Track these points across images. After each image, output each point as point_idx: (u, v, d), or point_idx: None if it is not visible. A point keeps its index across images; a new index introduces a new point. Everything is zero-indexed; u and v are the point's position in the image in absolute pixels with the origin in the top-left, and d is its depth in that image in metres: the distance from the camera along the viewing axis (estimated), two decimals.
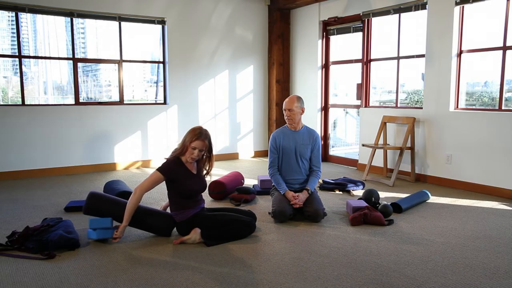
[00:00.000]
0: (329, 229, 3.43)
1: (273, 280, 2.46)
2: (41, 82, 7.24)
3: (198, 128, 3.10)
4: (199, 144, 3.04)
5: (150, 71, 7.45)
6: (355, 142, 6.78)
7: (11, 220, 3.68)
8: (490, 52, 4.72)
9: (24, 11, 5.41)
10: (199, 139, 3.04)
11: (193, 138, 3.03)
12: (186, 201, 3.13)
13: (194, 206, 3.16)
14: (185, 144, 3.06)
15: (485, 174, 4.66)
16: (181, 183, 3.08)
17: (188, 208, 3.13)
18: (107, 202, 3.19)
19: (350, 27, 6.31)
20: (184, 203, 3.13)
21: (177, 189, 3.10)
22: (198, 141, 3.03)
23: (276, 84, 7.25)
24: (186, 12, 6.51)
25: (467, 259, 2.80)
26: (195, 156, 3.06)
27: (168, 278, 2.50)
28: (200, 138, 3.04)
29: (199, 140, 3.04)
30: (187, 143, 3.05)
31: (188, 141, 3.05)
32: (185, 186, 3.09)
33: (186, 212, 3.12)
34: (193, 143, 3.03)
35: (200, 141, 3.04)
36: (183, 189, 3.09)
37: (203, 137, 3.06)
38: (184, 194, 3.11)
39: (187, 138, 3.06)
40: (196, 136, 3.04)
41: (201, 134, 3.06)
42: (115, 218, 3.16)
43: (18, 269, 2.63)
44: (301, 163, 3.84)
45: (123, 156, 6.22)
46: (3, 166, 5.41)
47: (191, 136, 3.05)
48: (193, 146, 3.03)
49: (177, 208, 3.14)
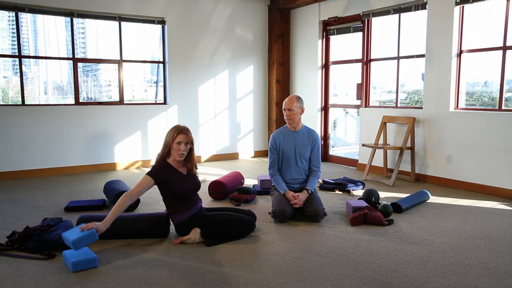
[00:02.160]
0: (329, 229, 3.43)
1: (273, 280, 2.46)
2: (41, 82, 7.24)
3: (176, 125, 3.09)
4: (182, 138, 3.01)
5: (150, 71, 7.45)
6: (355, 142, 6.78)
7: (11, 220, 3.68)
8: (490, 52, 4.72)
9: (24, 11, 5.41)
10: (181, 133, 3.02)
11: (175, 134, 3.01)
12: (182, 203, 3.11)
13: (191, 206, 3.14)
14: (168, 144, 3.03)
15: (485, 174, 4.66)
16: (172, 185, 3.05)
17: (186, 209, 3.11)
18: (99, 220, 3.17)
19: (350, 27, 6.31)
20: (180, 205, 3.10)
21: (170, 192, 3.07)
22: (181, 135, 3.02)
23: (276, 84, 7.25)
24: (186, 12, 6.51)
25: (467, 259, 2.80)
26: (183, 151, 3.02)
27: (168, 278, 2.50)
28: (182, 132, 3.03)
29: (181, 134, 3.02)
30: (170, 141, 3.02)
31: (170, 139, 3.02)
32: (177, 188, 3.05)
33: (184, 213, 3.11)
34: (176, 138, 3.01)
35: (182, 135, 3.02)
36: (176, 191, 3.05)
37: (185, 130, 3.05)
38: (178, 196, 3.07)
39: (168, 137, 3.04)
40: (177, 132, 3.02)
41: (180, 128, 3.05)
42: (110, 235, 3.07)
43: (18, 269, 2.63)
44: (301, 163, 3.84)
45: (123, 156, 6.22)
46: (3, 166, 5.41)
47: (172, 133, 3.02)
48: (178, 141, 3.01)
49: (175, 211, 3.12)
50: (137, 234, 3.19)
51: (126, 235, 3.19)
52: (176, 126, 3.08)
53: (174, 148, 3.02)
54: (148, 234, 3.19)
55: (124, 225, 3.16)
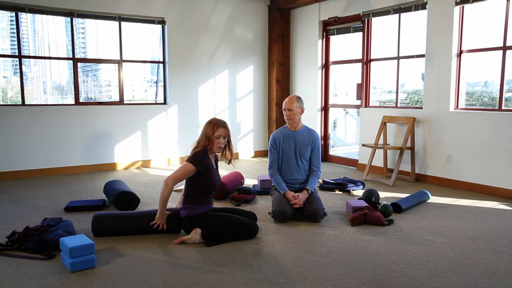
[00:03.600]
0: (329, 229, 3.43)
1: (273, 280, 2.46)
2: (41, 82, 7.24)
3: (214, 119, 3.15)
4: (222, 132, 3.10)
5: (150, 71, 7.45)
6: (355, 142, 6.78)
7: (11, 220, 3.68)
8: (490, 52, 4.72)
9: (24, 11, 5.41)
10: (221, 127, 3.10)
11: (215, 128, 3.08)
12: (205, 197, 3.14)
13: (207, 203, 3.18)
14: (209, 136, 3.08)
15: (485, 174, 4.66)
16: (208, 176, 3.09)
17: (203, 204, 3.14)
18: (113, 219, 3.25)
19: (350, 27, 6.31)
20: (201, 199, 3.13)
21: (201, 183, 3.09)
22: (220, 128, 3.09)
23: (276, 84, 7.25)
24: (186, 12, 6.51)
25: (467, 259, 2.80)
26: (222, 144, 3.12)
27: (168, 278, 2.50)
28: (221, 125, 3.11)
29: (221, 127, 3.10)
30: (210, 134, 3.08)
31: (210, 132, 3.08)
32: (211, 179, 3.11)
33: (199, 208, 3.11)
34: (216, 132, 3.08)
35: (222, 128, 3.10)
36: (208, 183, 3.10)
37: (223, 124, 3.13)
38: (206, 188, 3.12)
39: (208, 130, 3.09)
40: (217, 125, 3.09)
41: (220, 122, 3.12)
42: (125, 232, 3.21)
43: (18, 269, 2.63)
44: (301, 163, 3.84)
45: (123, 156, 6.22)
46: (3, 166, 5.41)
47: (212, 127, 3.08)
48: (217, 135, 3.08)
49: (194, 202, 3.12)
50: (149, 231, 3.22)
51: (139, 232, 3.24)
52: (214, 119, 3.14)
53: (215, 141, 3.09)
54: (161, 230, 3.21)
55: (137, 222, 3.23)
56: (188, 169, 3.02)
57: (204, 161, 3.08)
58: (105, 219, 3.23)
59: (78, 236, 2.74)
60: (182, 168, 3.03)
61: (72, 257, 2.58)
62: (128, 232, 3.23)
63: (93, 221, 3.21)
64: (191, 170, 3.03)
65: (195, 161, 3.04)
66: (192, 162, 3.04)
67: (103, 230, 3.20)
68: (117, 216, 3.29)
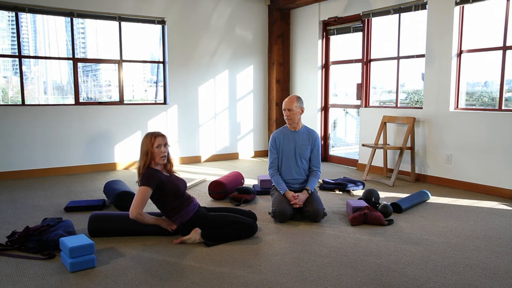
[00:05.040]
0: (329, 229, 3.43)
1: (273, 280, 2.46)
2: (41, 82, 7.24)
3: (148, 133, 3.13)
4: (161, 140, 3.08)
5: (150, 71, 7.45)
6: (355, 142, 6.78)
7: (11, 220, 3.68)
8: (490, 52, 4.72)
9: (24, 11, 5.41)
10: (157, 136, 3.08)
11: (153, 139, 3.07)
12: (178, 202, 3.12)
13: (188, 204, 3.15)
14: (148, 151, 3.05)
15: (485, 174, 4.66)
16: (168, 185, 3.08)
17: (184, 208, 3.12)
18: (110, 219, 3.25)
19: (350, 27, 6.31)
20: (177, 206, 3.11)
21: (167, 194, 3.08)
22: (158, 137, 3.08)
23: (276, 84, 7.25)
24: (186, 12, 6.51)
25: (467, 259, 2.80)
26: (164, 152, 3.09)
27: (168, 278, 2.50)
28: (157, 135, 3.09)
29: (158, 136, 3.09)
30: (149, 147, 3.05)
31: (149, 145, 3.06)
32: (172, 187, 3.09)
33: (183, 213, 3.11)
34: (155, 142, 3.06)
35: (159, 137, 3.09)
36: (172, 191, 3.08)
37: (158, 133, 3.11)
38: (175, 195, 3.10)
39: (146, 143, 3.06)
40: (154, 135, 3.09)
41: (155, 132, 3.12)
42: (122, 233, 3.22)
43: (18, 269, 2.63)
44: (301, 163, 3.84)
45: (123, 156, 6.22)
46: (3, 166, 5.41)
47: (149, 139, 3.07)
48: (157, 145, 3.06)
49: (174, 213, 3.12)
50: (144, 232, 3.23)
51: (136, 233, 3.24)
52: (149, 133, 3.13)
53: (156, 153, 3.06)
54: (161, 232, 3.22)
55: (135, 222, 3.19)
56: (145, 192, 2.98)
57: (154, 176, 3.04)
58: (102, 220, 3.22)
59: (78, 236, 2.74)
60: (139, 193, 2.98)
61: (72, 257, 2.58)
62: (125, 233, 3.22)
63: (90, 221, 3.21)
64: (148, 191, 2.99)
65: (146, 181, 3.00)
66: (144, 183, 2.99)
67: (100, 231, 3.19)
68: (114, 217, 3.28)
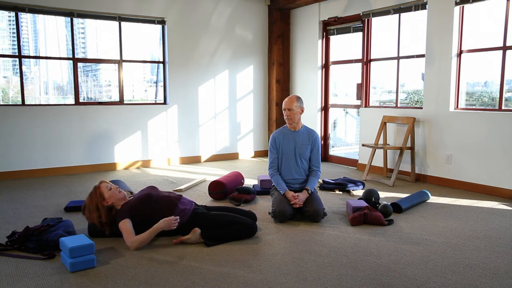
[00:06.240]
0: (329, 229, 3.43)
1: (273, 280, 2.46)
2: (41, 82, 7.24)
3: (92, 188, 3.15)
4: (103, 184, 3.10)
5: (150, 71, 7.45)
6: (355, 142, 6.79)
7: (11, 220, 3.68)
8: (490, 52, 4.72)
9: (24, 11, 5.41)
10: (101, 183, 3.10)
11: (96, 188, 3.08)
12: (172, 211, 3.09)
13: (175, 204, 3.13)
14: (98, 196, 3.04)
15: (485, 174, 4.66)
16: (145, 209, 3.05)
17: (173, 208, 3.11)
18: None
19: (350, 27, 6.31)
20: (171, 213, 3.08)
21: (152, 214, 3.04)
22: (101, 184, 3.10)
23: (276, 84, 7.25)
24: (186, 12, 6.51)
25: (467, 259, 2.80)
26: (111, 189, 3.09)
27: (168, 278, 2.50)
28: (101, 183, 3.10)
29: (101, 183, 3.10)
30: (98, 194, 3.04)
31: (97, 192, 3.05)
32: (153, 207, 3.07)
33: (182, 216, 3.10)
34: (100, 188, 3.07)
35: (103, 183, 3.10)
36: (156, 210, 3.06)
37: (100, 182, 3.12)
38: (162, 211, 3.06)
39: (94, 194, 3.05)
40: (97, 185, 3.10)
41: (96, 185, 3.12)
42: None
43: (18, 269, 2.63)
44: (301, 163, 3.84)
45: (123, 156, 6.22)
46: (3, 166, 5.41)
47: (94, 190, 3.07)
48: (101, 188, 3.07)
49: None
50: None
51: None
52: (92, 188, 3.13)
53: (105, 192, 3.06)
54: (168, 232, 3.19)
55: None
56: (126, 223, 2.96)
57: (127, 208, 3.03)
58: None
59: (78, 236, 2.74)
60: (122, 229, 2.96)
61: (72, 257, 2.57)
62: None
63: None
64: (128, 222, 2.97)
65: (122, 215, 2.99)
66: (122, 218, 2.98)
67: (100, 231, 3.17)
68: None
